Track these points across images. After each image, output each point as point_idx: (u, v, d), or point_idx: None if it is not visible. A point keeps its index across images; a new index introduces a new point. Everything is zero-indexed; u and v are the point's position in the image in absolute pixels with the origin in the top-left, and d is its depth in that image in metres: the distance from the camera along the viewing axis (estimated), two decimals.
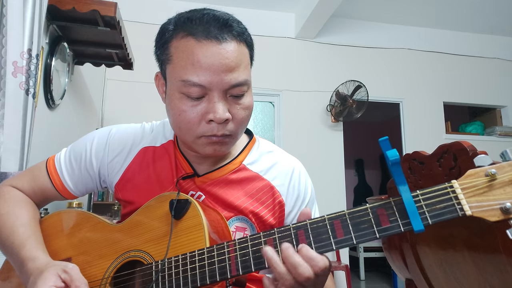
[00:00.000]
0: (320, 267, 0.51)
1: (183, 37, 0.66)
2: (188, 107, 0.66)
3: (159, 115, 3.55)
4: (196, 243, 0.62)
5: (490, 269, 0.77)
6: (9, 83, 1.41)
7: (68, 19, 2.09)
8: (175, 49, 0.67)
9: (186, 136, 0.70)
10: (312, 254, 0.52)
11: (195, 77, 0.64)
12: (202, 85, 0.64)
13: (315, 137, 4.07)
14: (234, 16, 0.70)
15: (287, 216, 0.79)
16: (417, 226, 0.50)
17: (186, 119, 0.67)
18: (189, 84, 0.64)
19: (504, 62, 4.72)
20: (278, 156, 0.83)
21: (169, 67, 0.68)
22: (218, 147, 0.70)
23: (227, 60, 0.64)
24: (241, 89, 0.67)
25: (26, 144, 1.46)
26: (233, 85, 0.66)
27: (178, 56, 0.66)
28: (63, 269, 0.63)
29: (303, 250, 0.52)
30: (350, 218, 0.54)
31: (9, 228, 0.73)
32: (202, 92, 0.65)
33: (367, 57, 4.36)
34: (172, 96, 0.68)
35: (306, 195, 0.81)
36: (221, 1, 3.86)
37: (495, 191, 0.49)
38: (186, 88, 0.65)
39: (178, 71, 0.66)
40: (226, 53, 0.64)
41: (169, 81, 0.69)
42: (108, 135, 0.83)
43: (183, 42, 0.66)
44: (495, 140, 4.44)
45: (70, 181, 0.82)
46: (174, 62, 0.67)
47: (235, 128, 0.70)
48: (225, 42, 0.65)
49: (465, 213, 0.49)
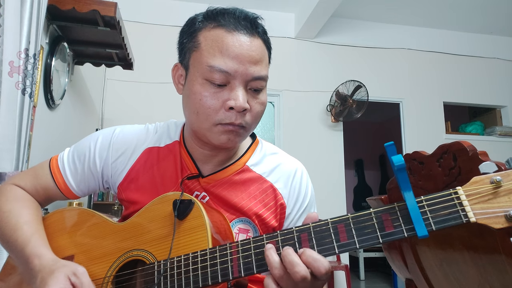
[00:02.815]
0: (322, 270, 0.51)
1: (214, 27, 0.69)
2: (210, 93, 0.68)
3: (159, 115, 3.56)
4: (199, 243, 0.62)
5: (490, 269, 0.77)
6: (4, 83, 1.41)
7: (68, 19, 2.09)
8: (204, 38, 0.69)
9: (203, 123, 0.71)
10: (316, 255, 0.52)
11: (222, 63, 0.66)
12: (228, 72, 0.66)
13: (315, 137, 4.07)
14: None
15: (287, 218, 0.79)
16: (421, 232, 0.50)
17: (207, 104, 0.68)
18: (215, 69, 0.67)
19: (503, 62, 4.72)
20: (281, 158, 0.83)
21: (195, 54, 0.70)
22: (233, 136, 0.71)
23: (253, 53, 0.68)
24: (261, 83, 0.70)
25: (22, 144, 1.46)
26: (256, 77, 0.69)
27: (207, 44, 0.69)
28: (73, 272, 0.63)
29: (306, 251, 0.52)
30: (353, 222, 0.54)
31: (12, 225, 0.73)
32: (226, 80, 0.67)
33: (367, 57, 4.36)
34: (195, 82, 0.70)
35: (306, 198, 0.82)
36: (221, 1, 3.86)
37: (500, 199, 0.49)
38: (211, 74, 0.67)
39: (206, 56, 0.68)
40: (253, 47, 0.68)
41: (193, 67, 0.70)
42: (112, 135, 0.83)
43: (213, 31, 0.69)
44: (495, 140, 4.44)
45: (73, 181, 0.82)
46: (202, 49, 0.69)
47: (251, 120, 0.71)
48: (253, 37, 0.69)
49: (469, 220, 0.49)
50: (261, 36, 0.71)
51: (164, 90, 3.65)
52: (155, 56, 3.79)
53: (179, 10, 3.93)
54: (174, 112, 2.30)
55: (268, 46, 0.74)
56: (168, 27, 3.85)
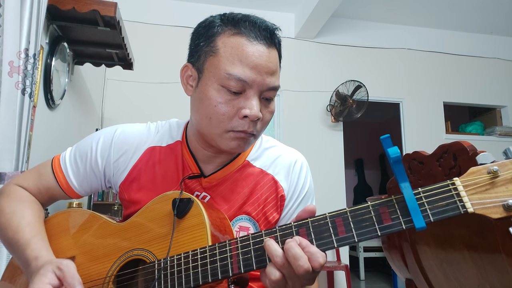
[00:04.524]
0: (319, 263, 0.52)
1: (234, 34, 0.70)
2: (225, 100, 0.69)
3: (160, 115, 3.57)
4: (199, 241, 0.63)
5: (490, 269, 0.77)
6: (4, 83, 1.41)
7: (68, 19, 2.10)
8: (223, 44, 0.70)
9: (215, 129, 0.71)
10: (313, 249, 0.53)
11: (241, 72, 0.67)
12: (246, 81, 0.67)
13: (315, 137, 4.07)
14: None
15: (285, 208, 0.80)
16: (419, 223, 0.50)
17: (221, 110, 0.69)
18: (233, 77, 0.67)
19: (504, 62, 4.72)
20: (280, 150, 0.84)
21: (212, 59, 0.70)
22: (243, 143, 0.72)
23: (271, 64, 0.70)
24: (273, 93, 0.72)
25: (22, 143, 1.46)
26: (270, 88, 0.70)
27: (227, 51, 0.69)
28: (57, 266, 0.63)
29: (303, 244, 0.53)
30: (351, 215, 0.54)
31: (14, 227, 0.74)
32: (242, 88, 0.68)
33: (367, 57, 4.36)
34: (210, 87, 0.70)
35: (304, 188, 0.82)
36: (221, 1, 3.87)
37: (498, 189, 0.49)
38: (228, 81, 0.67)
39: (224, 64, 0.68)
40: (271, 57, 0.70)
41: (209, 72, 0.70)
42: (113, 134, 0.83)
43: (233, 39, 0.69)
44: (495, 140, 4.44)
45: (75, 180, 0.83)
46: (221, 55, 0.69)
47: (260, 128, 0.73)
48: (271, 48, 0.71)
49: (467, 210, 0.49)
50: (277, 47, 0.74)
51: (164, 90, 3.66)
52: (155, 56, 3.79)
53: (179, 10, 3.93)
54: (174, 112, 2.30)
55: (280, 56, 0.76)
56: (168, 27, 3.85)
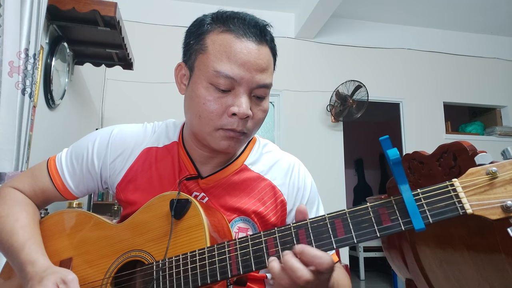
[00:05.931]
0: (325, 266, 0.51)
1: (222, 32, 0.69)
2: (214, 97, 0.68)
3: (160, 114, 3.57)
4: (197, 242, 0.62)
5: (490, 269, 0.77)
6: (4, 83, 1.41)
7: (68, 19, 2.09)
8: (212, 41, 0.69)
9: (205, 127, 0.70)
10: (316, 252, 0.51)
11: (229, 69, 0.66)
12: (234, 78, 0.66)
13: (315, 137, 4.07)
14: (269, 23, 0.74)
15: (289, 214, 0.80)
16: (418, 224, 0.49)
17: (210, 108, 0.68)
18: (221, 75, 0.66)
19: (504, 62, 4.72)
20: (277, 155, 0.83)
21: (202, 57, 0.70)
22: (233, 143, 0.71)
23: (261, 61, 0.68)
24: (265, 91, 0.71)
25: (22, 144, 1.46)
26: (260, 85, 0.69)
27: (215, 48, 0.68)
28: (62, 279, 0.62)
29: (305, 250, 0.51)
30: (350, 217, 0.54)
31: (8, 230, 0.73)
32: (231, 86, 0.67)
33: (367, 57, 4.36)
34: (199, 85, 0.69)
35: (305, 191, 0.81)
36: (222, 1, 3.87)
37: (496, 189, 0.49)
38: (216, 79, 0.67)
39: (212, 61, 0.68)
40: (260, 54, 0.68)
41: (198, 70, 0.70)
42: (110, 135, 0.82)
43: (221, 36, 0.68)
44: (495, 140, 4.44)
45: (71, 181, 0.82)
46: (209, 53, 0.68)
47: (252, 127, 0.72)
48: (261, 45, 0.69)
49: (466, 212, 0.49)
50: (269, 44, 0.72)
51: (164, 90, 3.65)
52: (155, 56, 3.79)
53: (179, 10, 3.93)
54: (174, 112, 2.30)
55: (274, 54, 0.75)
56: (168, 27, 3.85)
